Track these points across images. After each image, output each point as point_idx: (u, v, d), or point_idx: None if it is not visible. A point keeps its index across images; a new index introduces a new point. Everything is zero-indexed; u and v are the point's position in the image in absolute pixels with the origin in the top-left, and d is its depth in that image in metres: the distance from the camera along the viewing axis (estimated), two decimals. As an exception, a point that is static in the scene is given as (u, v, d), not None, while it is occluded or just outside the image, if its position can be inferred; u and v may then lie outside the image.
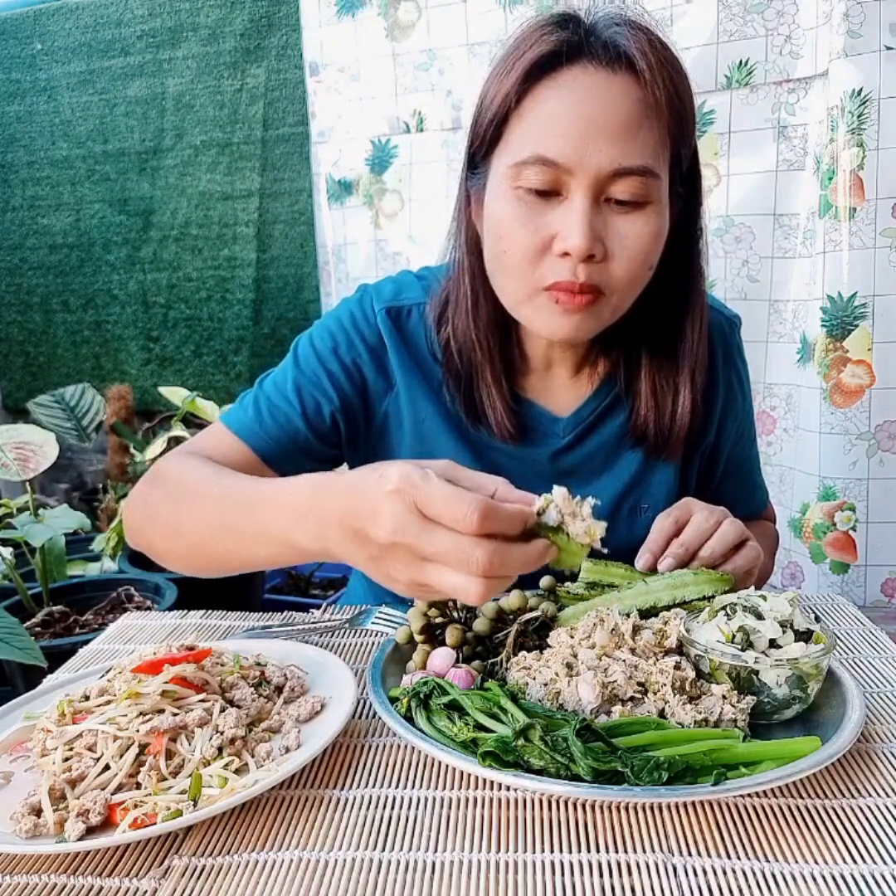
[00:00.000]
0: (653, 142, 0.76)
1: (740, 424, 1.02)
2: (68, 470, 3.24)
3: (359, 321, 0.94)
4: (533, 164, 0.75)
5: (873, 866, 0.50)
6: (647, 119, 0.75)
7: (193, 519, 0.77)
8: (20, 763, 0.62)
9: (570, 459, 0.94)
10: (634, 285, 0.80)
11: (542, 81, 0.75)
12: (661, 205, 0.78)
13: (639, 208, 0.77)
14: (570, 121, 0.74)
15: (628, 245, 0.77)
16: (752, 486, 1.08)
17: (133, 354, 2.99)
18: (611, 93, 0.74)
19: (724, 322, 0.99)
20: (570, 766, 0.55)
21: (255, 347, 2.75)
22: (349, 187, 2.16)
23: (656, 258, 0.80)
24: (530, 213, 0.77)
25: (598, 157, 0.73)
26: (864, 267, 1.51)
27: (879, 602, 1.62)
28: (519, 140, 0.77)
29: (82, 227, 2.93)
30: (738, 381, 1.01)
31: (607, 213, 0.77)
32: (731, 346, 0.99)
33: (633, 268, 0.78)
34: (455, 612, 0.75)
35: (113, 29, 2.70)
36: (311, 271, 2.55)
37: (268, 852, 0.53)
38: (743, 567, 0.76)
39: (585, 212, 0.74)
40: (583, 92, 0.74)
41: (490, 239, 0.81)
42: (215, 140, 2.66)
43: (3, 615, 1.20)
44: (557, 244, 0.76)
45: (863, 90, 1.45)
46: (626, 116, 0.74)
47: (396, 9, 1.97)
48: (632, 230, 0.77)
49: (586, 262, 0.76)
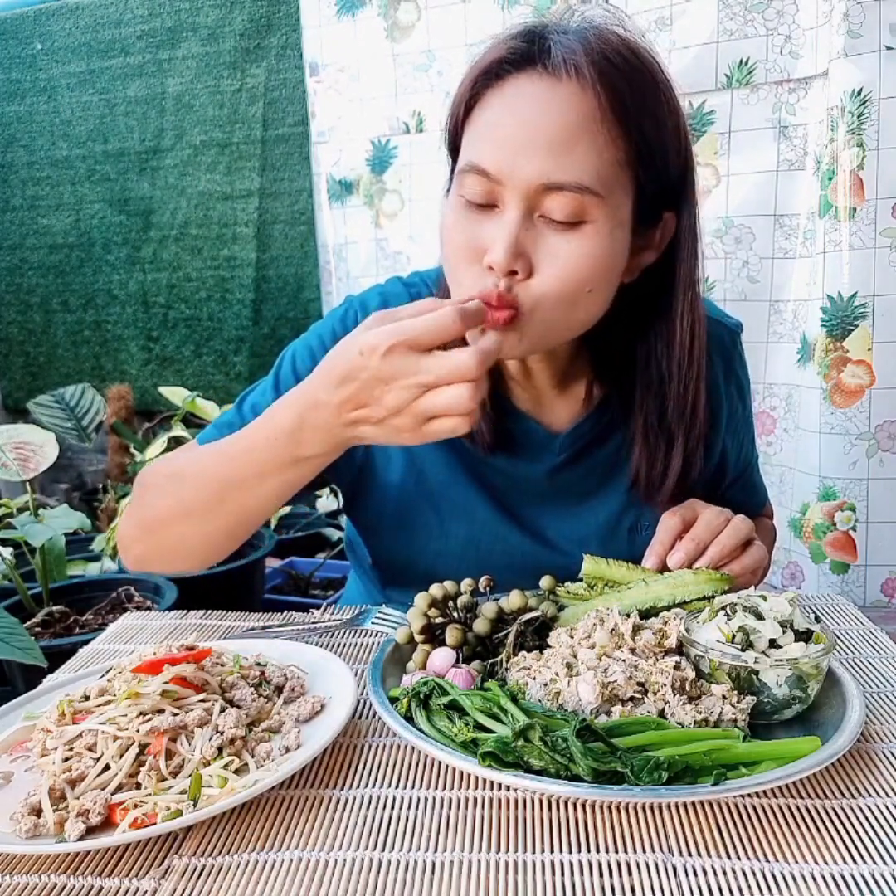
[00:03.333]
0: (593, 157, 0.69)
1: (742, 434, 1.00)
2: (68, 470, 3.24)
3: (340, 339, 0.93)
4: (469, 172, 0.72)
5: (873, 866, 0.50)
6: (589, 133, 0.69)
7: (197, 491, 0.79)
8: (20, 763, 0.62)
9: (566, 477, 0.92)
10: (569, 306, 0.74)
11: (489, 89, 0.73)
12: (605, 224, 0.72)
13: (575, 227, 0.71)
14: (504, 130, 0.71)
15: (559, 264, 0.71)
16: (749, 487, 1.07)
17: (133, 354, 2.99)
18: (550, 102, 0.69)
19: (726, 334, 0.97)
20: (570, 767, 0.55)
21: (255, 347, 2.75)
22: (350, 187, 2.16)
23: (598, 281, 0.74)
24: (467, 224, 0.74)
25: (527, 168, 0.69)
26: (864, 267, 1.51)
27: (879, 602, 1.62)
28: (465, 148, 0.75)
29: (82, 227, 2.93)
30: (740, 391, 0.99)
31: (542, 228, 0.72)
32: (731, 359, 0.97)
33: (562, 288, 0.72)
34: (455, 612, 0.75)
35: (113, 29, 2.70)
36: (312, 270, 2.56)
37: (268, 852, 0.53)
38: (750, 567, 0.76)
39: (512, 227, 0.70)
40: (522, 100, 0.71)
41: (440, 244, 0.79)
42: (215, 140, 2.66)
43: (3, 615, 1.20)
44: (485, 257, 0.72)
45: (863, 90, 1.45)
46: (564, 126, 0.69)
47: (396, 9, 1.97)
48: (564, 249, 0.71)
49: (509, 278, 0.72)
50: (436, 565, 0.90)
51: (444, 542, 0.92)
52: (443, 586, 0.76)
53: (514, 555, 0.91)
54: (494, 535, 0.91)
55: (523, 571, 0.85)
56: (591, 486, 0.92)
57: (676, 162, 0.76)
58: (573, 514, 0.92)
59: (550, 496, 0.92)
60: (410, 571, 0.93)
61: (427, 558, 0.93)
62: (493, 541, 0.91)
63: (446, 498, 0.91)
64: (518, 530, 0.91)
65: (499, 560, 0.91)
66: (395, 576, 0.99)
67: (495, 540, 0.91)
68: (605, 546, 0.89)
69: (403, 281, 0.96)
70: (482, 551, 0.91)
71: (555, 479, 0.91)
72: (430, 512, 0.92)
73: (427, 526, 0.92)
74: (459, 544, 0.91)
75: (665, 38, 1.64)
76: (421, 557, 0.93)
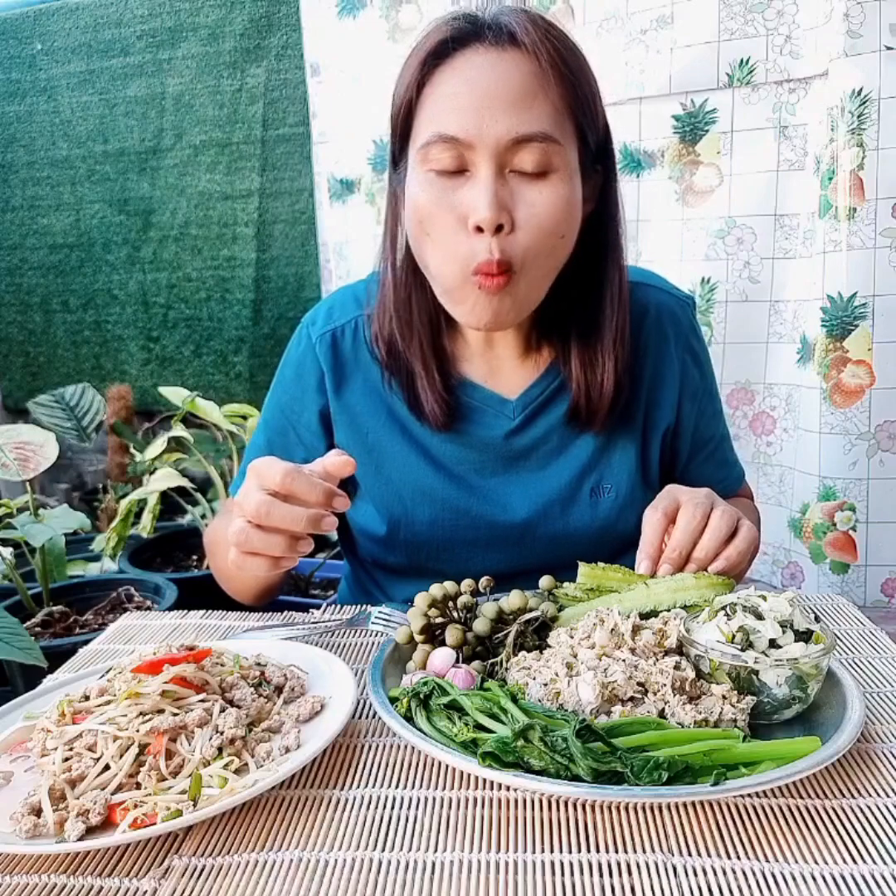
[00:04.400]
0: (549, 109, 0.78)
1: (701, 401, 1.02)
2: (68, 470, 3.24)
3: (303, 362, 0.99)
4: (436, 143, 0.78)
5: (873, 866, 0.50)
6: (542, 89, 0.77)
7: (222, 567, 0.98)
8: (20, 763, 0.62)
9: (522, 441, 0.95)
10: (547, 255, 0.81)
11: (438, 68, 0.79)
12: (567, 172, 0.79)
13: (544, 177, 0.78)
14: (465, 97, 0.77)
15: (537, 213, 0.78)
16: (724, 463, 1.08)
17: (133, 354, 2.99)
18: (502, 67, 0.77)
19: (675, 304, 1.01)
20: (570, 767, 0.55)
21: (255, 347, 2.75)
22: (351, 186, 2.16)
23: (568, 227, 0.81)
24: (442, 194, 0.79)
25: (495, 127, 0.76)
26: (864, 267, 1.51)
27: (879, 602, 1.62)
28: (424, 125, 0.80)
29: (82, 227, 2.93)
30: (694, 359, 1.01)
31: (514, 183, 0.78)
32: (683, 326, 1.00)
33: (543, 237, 0.79)
34: (455, 612, 0.75)
35: (113, 29, 2.70)
36: (312, 270, 2.56)
37: (268, 852, 0.53)
38: (745, 551, 0.76)
39: (489, 183, 0.76)
40: (475, 70, 0.77)
41: (413, 226, 0.83)
42: (215, 140, 2.66)
43: (3, 615, 1.20)
44: (470, 220, 0.78)
45: (863, 90, 1.45)
46: (519, 86, 0.76)
47: (398, 11, 1.97)
48: (539, 199, 0.78)
49: (497, 236, 0.77)
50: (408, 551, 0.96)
51: (411, 529, 0.95)
52: (443, 586, 0.76)
53: (479, 528, 0.94)
54: (456, 512, 0.94)
55: (491, 542, 0.93)
56: (550, 449, 0.95)
57: (601, 114, 0.85)
58: (534, 480, 0.95)
59: (510, 464, 0.96)
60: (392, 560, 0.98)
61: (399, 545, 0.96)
62: (457, 517, 0.94)
63: (406, 483, 0.95)
64: (479, 503, 0.94)
65: (465, 535, 0.94)
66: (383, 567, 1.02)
67: (458, 516, 0.94)
68: (568, 510, 0.94)
69: (352, 286, 1.02)
70: (447, 529, 0.94)
71: (512, 444, 0.95)
72: (395, 501, 0.95)
73: (393, 516, 0.95)
74: (425, 527, 0.94)
75: (666, 37, 1.64)
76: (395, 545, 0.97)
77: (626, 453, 0.96)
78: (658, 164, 1.73)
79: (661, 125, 1.69)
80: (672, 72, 1.65)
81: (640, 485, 0.96)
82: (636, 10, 1.66)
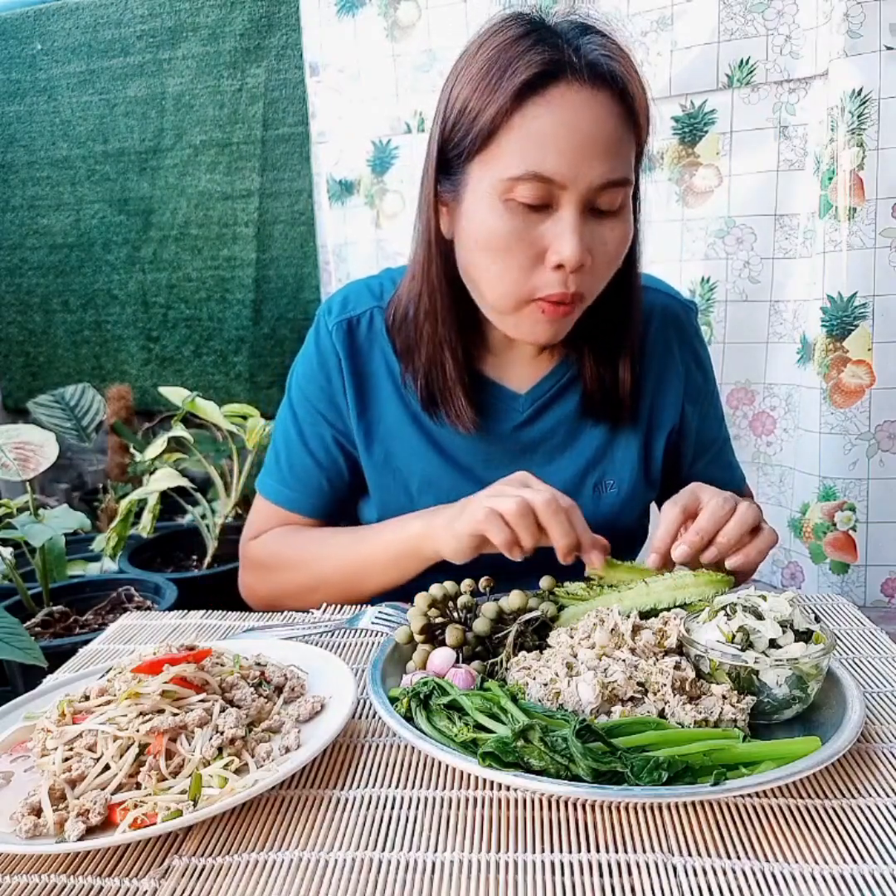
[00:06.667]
0: (629, 153, 0.81)
1: (704, 404, 1.05)
2: (68, 470, 3.24)
3: (323, 350, 0.99)
4: (528, 180, 0.78)
5: (873, 866, 0.50)
6: (627, 133, 0.80)
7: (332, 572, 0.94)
8: (20, 763, 0.62)
9: (530, 434, 0.97)
10: (606, 281, 0.86)
11: (531, 98, 0.77)
12: (629, 208, 0.84)
13: (615, 215, 0.81)
14: (563, 139, 0.77)
15: (608, 251, 0.82)
16: (725, 466, 1.10)
17: (133, 354, 2.98)
18: (597, 110, 0.78)
19: (679, 308, 1.03)
20: (570, 767, 0.55)
21: (255, 347, 2.75)
22: (350, 187, 2.16)
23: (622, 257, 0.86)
24: (524, 227, 0.79)
25: (590, 174, 0.77)
26: (864, 267, 1.51)
27: (879, 602, 1.62)
28: (511, 155, 0.78)
29: (82, 227, 2.93)
30: (697, 362, 1.04)
31: (591, 221, 0.80)
32: (686, 331, 1.03)
33: (610, 270, 0.84)
34: (455, 612, 0.75)
35: (113, 29, 2.70)
36: (312, 271, 2.55)
37: (268, 852, 0.53)
38: (765, 551, 0.76)
39: (577, 226, 0.78)
40: (572, 110, 0.77)
41: (478, 248, 0.83)
42: (215, 140, 2.66)
43: (3, 615, 1.19)
44: (551, 256, 0.79)
45: (863, 90, 1.45)
46: (612, 131, 0.78)
47: (396, 9, 1.96)
48: (610, 236, 0.81)
49: (576, 272, 0.79)
50: None
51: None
52: (443, 586, 0.76)
53: None
54: None
55: None
56: (557, 443, 0.98)
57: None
58: (540, 474, 0.95)
59: (517, 457, 0.97)
60: None
61: None
62: None
63: (413, 473, 0.96)
64: None
65: None
66: None
67: None
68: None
69: (365, 280, 1.03)
70: None
71: (520, 437, 0.97)
72: (400, 491, 0.96)
73: (399, 505, 0.96)
74: None
75: (666, 38, 1.64)
76: None
77: (629, 450, 0.98)
78: (658, 165, 1.73)
79: (661, 127, 1.69)
80: (672, 74, 1.65)
81: (643, 482, 0.98)
82: (636, 11, 1.66)
